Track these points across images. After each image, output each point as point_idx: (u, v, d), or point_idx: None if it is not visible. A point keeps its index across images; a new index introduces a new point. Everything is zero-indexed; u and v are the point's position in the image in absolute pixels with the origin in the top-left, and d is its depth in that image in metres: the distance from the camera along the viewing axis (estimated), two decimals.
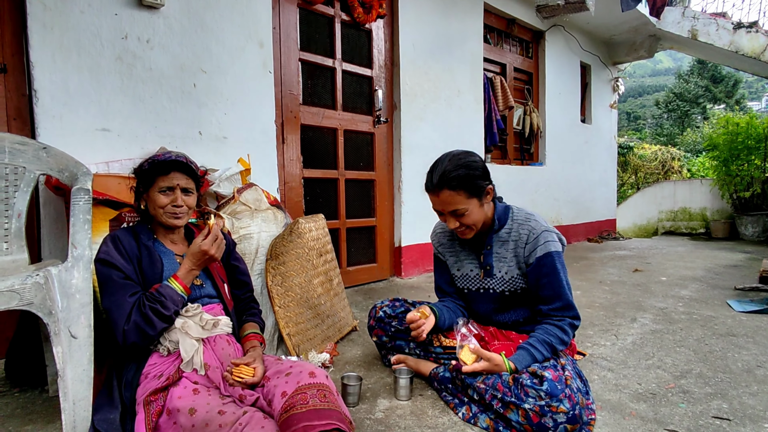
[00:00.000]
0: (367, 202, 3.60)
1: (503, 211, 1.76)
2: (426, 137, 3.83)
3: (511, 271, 1.71)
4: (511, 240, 1.71)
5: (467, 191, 1.57)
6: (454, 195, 1.57)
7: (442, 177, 1.58)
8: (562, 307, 1.63)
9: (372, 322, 2.01)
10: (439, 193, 1.61)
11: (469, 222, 1.62)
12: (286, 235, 2.06)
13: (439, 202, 1.62)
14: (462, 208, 1.58)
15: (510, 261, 1.71)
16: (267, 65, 2.76)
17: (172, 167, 1.53)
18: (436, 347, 1.84)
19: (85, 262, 1.38)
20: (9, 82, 1.95)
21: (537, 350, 1.54)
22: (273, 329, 2.05)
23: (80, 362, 1.36)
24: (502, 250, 1.73)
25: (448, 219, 1.64)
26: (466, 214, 1.60)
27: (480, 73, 4.35)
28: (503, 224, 1.74)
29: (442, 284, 1.96)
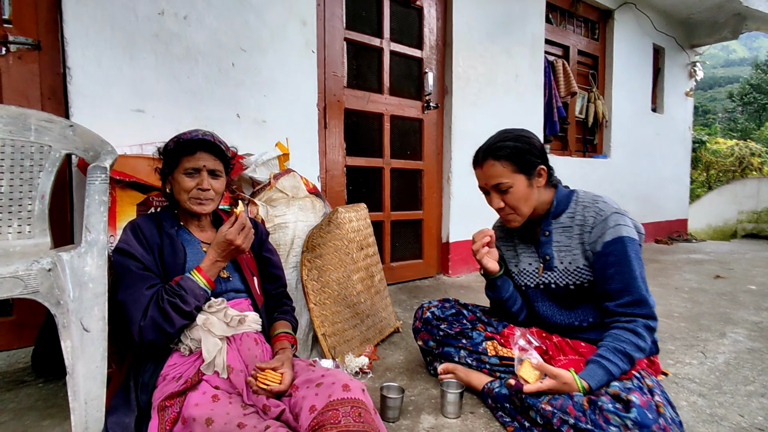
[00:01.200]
0: (414, 193, 3.37)
1: (566, 195, 1.54)
2: (479, 125, 3.54)
3: (576, 261, 1.48)
4: (575, 225, 1.48)
5: (514, 164, 1.43)
6: (498, 166, 1.43)
7: (489, 147, 1.47)
8: (633, 302, 1.36)
9: (418, 324, 1.79)
10: (483, 164, 1.48)
11: (513, 202, 1.44)
12: (324, 225, 1.87)
13: (482, 175, 1.49)
14: (505, 182, 1.43)
15: (574, 249, 1.48)
16: (310, 44, 2.59)
17: (199, 146, 1.37)
18: (491, 357, 1.60)
19: (100, 248, 1.25)
20: (43, 60, 1.87)
21: (611, 362, 1.29)
22: (307, 328, 1.87)
23: (93, 358, 1.23)
24: (564, 237, 1.50)
25: (491, 197, 1.49)
26: (510, 192, 1.43)
27: (540, 55, 3.99)
28: (563, 208, 1.52)
29: None
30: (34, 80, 1.86)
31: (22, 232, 1.50)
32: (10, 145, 1.52)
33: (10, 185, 1.51)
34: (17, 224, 1.50)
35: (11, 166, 1.51)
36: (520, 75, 3.81)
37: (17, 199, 1.51)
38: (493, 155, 1.44)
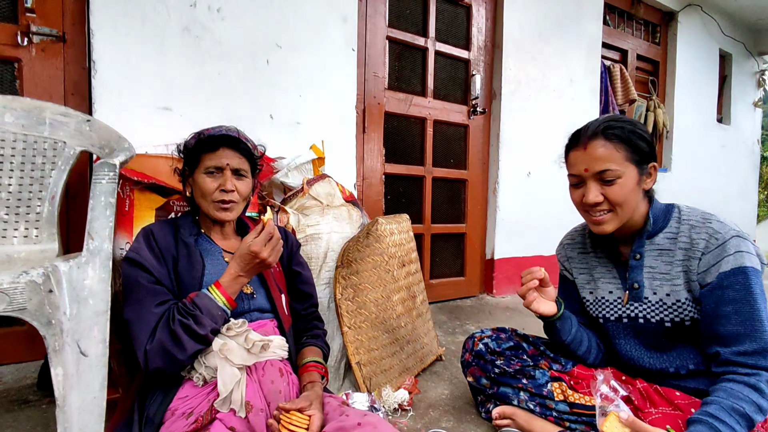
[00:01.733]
0: (457, 205, 3.11)
1: (663, 210, 1.26)
2: (529, 132, 3.26)
3: (676, 293, 1.19)
4: (679, 248, 1.19)
5: (628, 150, 1.16)
6: (609, 148, 1.15)
7: (598, 126, 1.19)
8: (757, 351, 1.06)
9: (468, 357, 1.52)
10: (587, 145, 1.18)
11: (617, 197, 1.16)
12: (362, 237, 1.64)
13: (583, 158, 1.19)
14: (614, 170, 1.15)
15: (675, 278, 1.19)
16: (350, 42, 2.41)
17: (222, 142, 1.20)
18: (559, 402, 1.31)
19: (103, 258, 1.06)
20: (68, 53, 1.76)
21: (724, 424, 1.00)
22: (339, 354, 1.64)
23: (90, 387, 1.04)
24: (661, 262, 1.22)
25: (588, 188, 1.19)
26: (616, 183, 1.15)
27: (597, 59, 3.68)
28: (662, 227, 1.24)
29: None
30: (57, 74, 1.74)
31: (29, 237, 1.34)
32: (22, 140, 1.38)
33: (19, 184, 1.36)
34: (24, 227, 1.34)
35: (21, 163, 1.37)
36: (574, 80, 3.52)
37: (26, 200, 1.36)
38: (605, 134, 1.16)
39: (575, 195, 1.24)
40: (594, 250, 1.38)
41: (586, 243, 1.41)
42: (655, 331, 1.24)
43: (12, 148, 1.37)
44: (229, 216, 1.21)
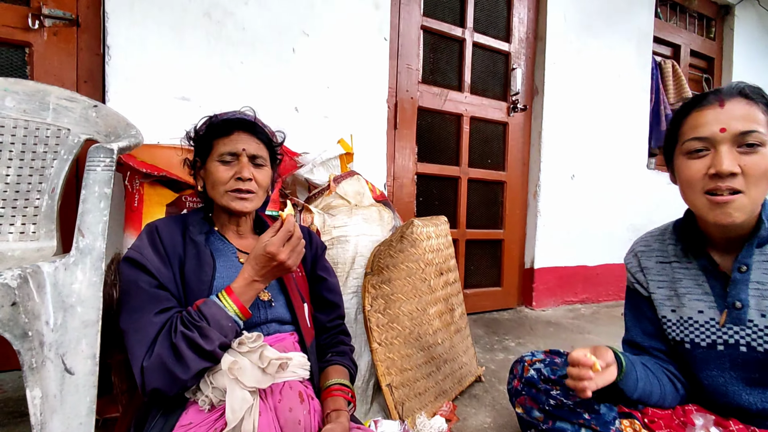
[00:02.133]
0: (494, 209, 2.88)
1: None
2: (574, 132, 3.01)
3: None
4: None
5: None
6: (754, 109, 0.91)
7: (734, 86, 0.95)
8: None
9: (517, 384, 1.29)
10: (725, 102, 0.93)
11: (756, 170, 0.90)
12: (395, 241, 1.45)
13: (722, 116, 0.93)
14: (760, 134, 0.90)
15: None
16: (382, 31, 2.23)
17: (236, 126, 1.05)
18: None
19: (95, 259, 0.90)
20: (82, 38, 1.64)
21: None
22: (368, 373, 1.44)
23: (76, 412, 0.88)
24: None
25: (721, 154, 0.92)
26: (758, 152, 0.90)
27: (648, 54, 3.40)
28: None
29: (638, 335, 1.19)
30: (69, 61, 1.62)
31: (26, 233, 1.20)
32: (23, 127, 1.25)
33: (17, 175, 1.23)
34: (21, 223, 1.21)
35: (21, 152, 1.24)
36: (623, 75, 3.24)
37: (24, 192, 1.22)
38: (747, 95, 0.94)
39: (695, 166, 0.97)
40: (679, 259, 1.13)
41: (667, 250, 1.16)
42: (761, 363, 0.99)
43: (12, 135, 1.24)
44: (247, 206, 1.04)
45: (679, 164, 1.01)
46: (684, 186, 1.01)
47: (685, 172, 0.99)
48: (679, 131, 1.02)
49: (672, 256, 1.15)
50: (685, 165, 0.99)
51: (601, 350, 1.02)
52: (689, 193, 1.00)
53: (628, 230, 3.24)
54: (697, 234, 1.08)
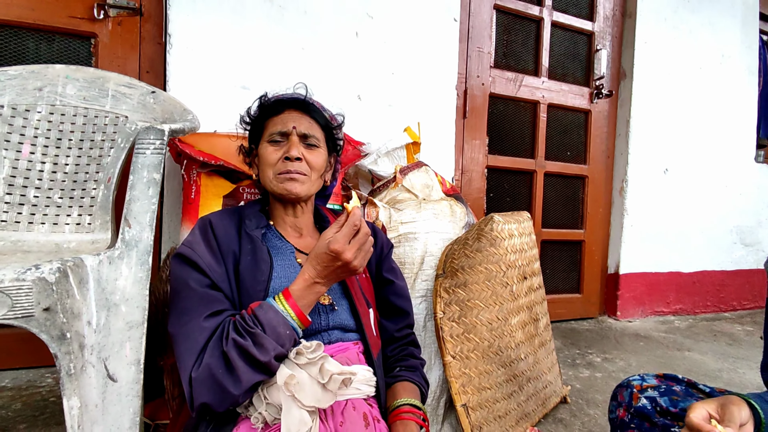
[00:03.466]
0: (574, 206, 2.61)
1: None
2: (668, 120, 2.67)
3: None
4: None
5: None
6: None
7: None
8: None
9: (623, 414, 1.07)
10: None
11: None
12: (471, 240, 1.26)
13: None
14: None
15: None
16: (452, 11, 2.05)
17: (287, 105, 0.96)
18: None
19: (142, 252, 0.80)
20: (144, 27, 1.60)
21: None
22: (438, 390, 1.27)
23: (119, 424, 0.78)
24: None
25: None
26: None
27: (755, 32, 2.97)
28: None
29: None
30: (133, 51, 1.59)
31: (81, 224, 1.15)
32: (83, 115, 1.21)
33: (75, 164, 1.18)
34: (77, 213, 1.15)
35: (80, 140, 1.19)
36: (726, 56, 2.84)
37: (81, 182, 1.17)
38: None
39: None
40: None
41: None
42: None
43: (72, 124, 1.20)
44: (297, 187, 0.91)
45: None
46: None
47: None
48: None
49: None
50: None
51: (730, 409, 0.78)
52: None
53: (731, 232, 2.82)
54: None
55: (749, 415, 0.79)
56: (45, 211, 1.14)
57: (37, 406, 1.33)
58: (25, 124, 1.17)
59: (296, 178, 0.89)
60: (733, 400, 0.79)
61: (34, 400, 1.37)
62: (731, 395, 0.81)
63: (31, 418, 1.27)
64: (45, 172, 1.16)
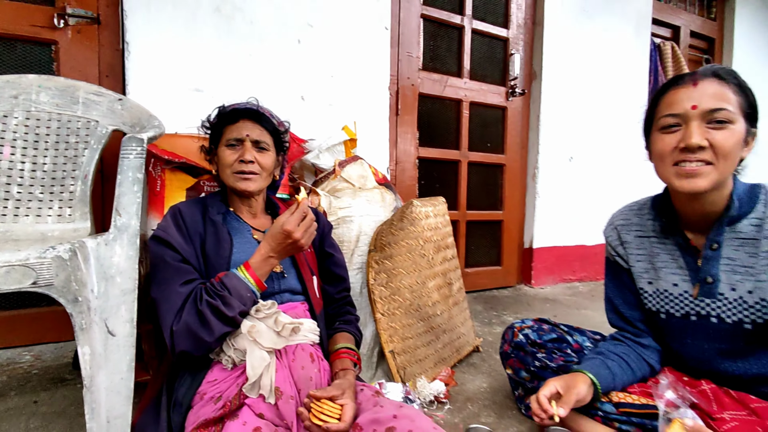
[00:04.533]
0: (494, 191, 2.99)
1: (747, 191, 1.08)
2: (571, 115, 3.09)
3: (760, 291, 1.03)
4: (764, 237, 1.03)
5: (742, 96, 1.00)
6: (724, 88, 0.99)
7: (708, 68, 1.03)
8: None
9: (507, 348, 1.43)
10: (699, 81, 1.01)
11: (724, 146, 0.98)
12: (395, 220, 1.57)
13: (694, 94, 1.01)
14: (729, 112, 0.98)
15: (758, 273, 1.04)
16: (383, 20, 2.32)
17: (241, 115, 1.17)
18: (605, 403, 1.18)
19: (131, 235, 1.03)
20: (103, 35, 1.75)
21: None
22: (372, 342, 1.58)
23: (118, 368, 1.01)
24: (742, 254, 1.06)
25: (691, 129, 1.00)
26: (727, 129, 0.98)
27: (646, 36, 3.45)
28: (746, 211, 1.07)
29: (622, 306, 1.29)
30: (92, 57, 1.74)
31: (63, 216, 1.34)
32: (57, 120, 1.38)
33: (53, 163, 1.36)
34: (58, 206, 1.34)
35: (56, 142, 1.37)
36: (621, 58, 3.30)
37: (60, 179, 1.36)
38: (721, 76, 1.01)
39: (667, 140, 1.04)
40: (657, 234, 1.22)
41: (646, 225, 1.24)
42: (731, 333, 1.07)
43: (47, 128, 1.37)
44: (250, 186, 1.15)
45: (654, 139, 1.10)
46: (656, 160, 1.09)
47: (658, 145, 1.07)
48: (656, 109, 1.10)
49: (650, 231, 1.23)
50: (659, 139, 1.07)
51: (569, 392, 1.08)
52: (660, 166, 1.08)
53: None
54: (672, 212, 1.17)
55: (589, 387, 1.11)
56: (28, 205, 1.32)
57: (22, 378, 1.51)
58: (4, 128, 1.32)
59: (250, 177, 1.14)
60: (578, 379, 1.11)
61: (17, 373, 1.54)
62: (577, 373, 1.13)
63: (19, 387, 1.45)
64: (26, 170, 1.33)
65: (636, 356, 1.20)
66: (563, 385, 1.11)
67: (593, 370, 1.14)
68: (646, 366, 1.20)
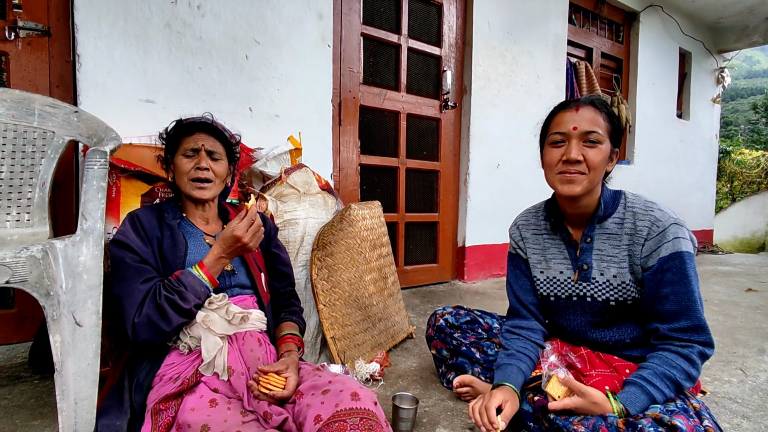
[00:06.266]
0: (430, 195, 3.26)
1: (612, 196, 1.36)
2: (498, 126, 3.42)
3: (621, 275, 1.31)
4: (625, 233, 1.31)
5: (609, 123, 1.28)
6: (598, 116, 1.26)
7: (588, 98, 1.31)
8: (691, 327, 1.20)
9: (431, 331, 1.67)
10: (580, 108, 1.28)
11: (594, 161, 1.26)
12: (336, 222, 1.77)
13: (576, 118, 1.28)
14: (600, 134, 1.25)
15: (620, 261, 1.31)
16: (326, 38, 2.51)
17: (198, 128, 1.32)
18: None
19: (96, 237, 1.17)
20: (53, 47, 1.82)
21: (655, 387, 1.14)
22: (316, 331, 1.77)
23: (84, 355, 1.15)
24: (608, 246, 1.34)
25: (571, 145, 1.27)
26: (597, 149, 1.26)
27: (563, 57, 3.86)
28: (610, 212, 1.35)
29: (519, 291, 1.54)
30: (43, 68, 1.81)
31: (21, 221, 1.43)
32: (12, 130, 1.46)
33: (10, 171, 1.44)
34: (16, 212, 1.43)
35: (12, 152, 1.45)
36: (541, 76, 3.69)
37: (17, 186, 1.44)
38: (596, 105, 1.28)
39: (554, 153, 1.30)
40: (548, 231, 1.50)
41: (540, 225, 1.52)
42: (600, 309, 1.35)
43: (3, 137, 1.45)
44: (205, 194, 1.30)
45: (545, 151, 1.36)
46: (546, 168, 1.36)
47: (547, 157, 1.34)
48: (548, 126, 1.36)
49: (543, 229, 1.51)
50: (548, 152, 1.33)
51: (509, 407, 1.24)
52: (548, 173, 1.35)
53: None
54: (558, 213, 1.46)
55: (515, 403, 1.27)
56: None
57: None
58: None
59: (205, 186, 1.28)
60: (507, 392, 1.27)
61: None
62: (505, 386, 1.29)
63: None
64: None
65: (531, 345, 1.43)
66: (502, 398, 1.28)
67: (514, 382, 1.32)
68: (539, 349, 1.45)
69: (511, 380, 1.32)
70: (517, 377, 1.34)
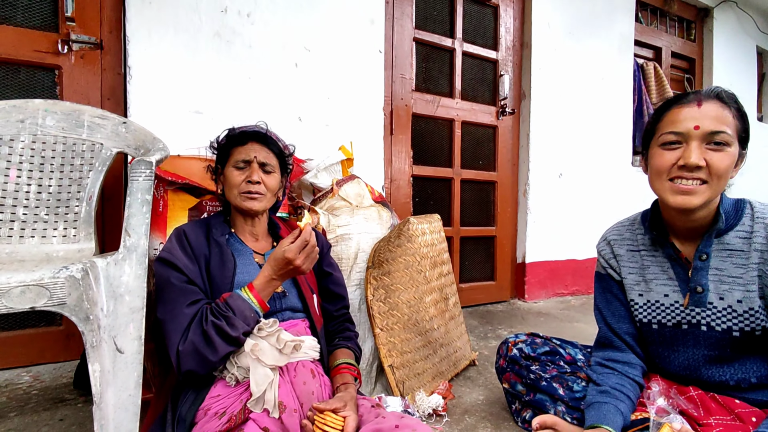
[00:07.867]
0: (486, 207, 3.05)
1: (733, 206, 1.14)
2: (559, 133, 3.18)
3: (749, 300, 1.07)
4: (754, 250, 1.07)
5: (740, 121, 1.05)
6: (726, 112, 1.04)
7: (712, 90, 1.07)
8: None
9: (502, 362, 1.46)
10: (702, 102, 1.05)
11: (719, 166, 1.03)
12: (393, 237, 1.61)
13: (698, 114, 1.06)
14: (726, 136, 1.03)
15: (747, 283, 1.08)
16: (377, 44, 2.40)
17: (251, 137, 1.22)
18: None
19: (140, 255, 1.07)
20: (105, 59, 1.80)
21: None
22: (371, 357, 1.61)
23: (126, 385, 1.04)
24: (729, 264, 1.10)
25: (690, 148, 1.05)
26: (724, 152, 1.03)
27: (629, 57, 3.58)
28: (732, 224, 1.11)
29: (611, 318, 1.30)
30: (95, 80, 1.78)
31: (68, 236, 1.37)
32: (62, 143, 1.41)
33: (58, 185, 1.39)
34: (63, 227, 1.37)
35: (61, 164, 1.40)
36: (606, 78, 3.42)
37: (65, 200, 1.39)
38: (723, 100, 1.06)
39: (666, 157, 1.09)
40: (647, 247, 1.27)
41: (637, 239, 1.29)
42: (720, 341, 1.11)
43: (53, 150, 1.40)
44: (256, 205, 1.19)
45: (653, 154, 1.14)
46: (653, 173, 1.14)
47: (656, 160, 1.11)
48: (657, 125, 1.14)
49: (641, 244, 1.28)
50: (658, 154, 1.11)
51: None
52: (656, 180, 1.13)
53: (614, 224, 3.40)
54: (662, 225, 1.23)
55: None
56: (34, 226, 1.34)
57: (21, 398, 1.51)
58: (10, 152, 1.36)
59: (256, 197, 1.18)
60: None
61: (16, 394, 1.54)
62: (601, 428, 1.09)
63: (19, 407, 1.45)
64: (31, 192, 1.36)
65: (629, 382, 1.20)
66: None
67: (612, 424, 1.11)
68: (638, 387, 1.21)
69: (607, 422, 1.10)
70: (615, 418, 1.11)
